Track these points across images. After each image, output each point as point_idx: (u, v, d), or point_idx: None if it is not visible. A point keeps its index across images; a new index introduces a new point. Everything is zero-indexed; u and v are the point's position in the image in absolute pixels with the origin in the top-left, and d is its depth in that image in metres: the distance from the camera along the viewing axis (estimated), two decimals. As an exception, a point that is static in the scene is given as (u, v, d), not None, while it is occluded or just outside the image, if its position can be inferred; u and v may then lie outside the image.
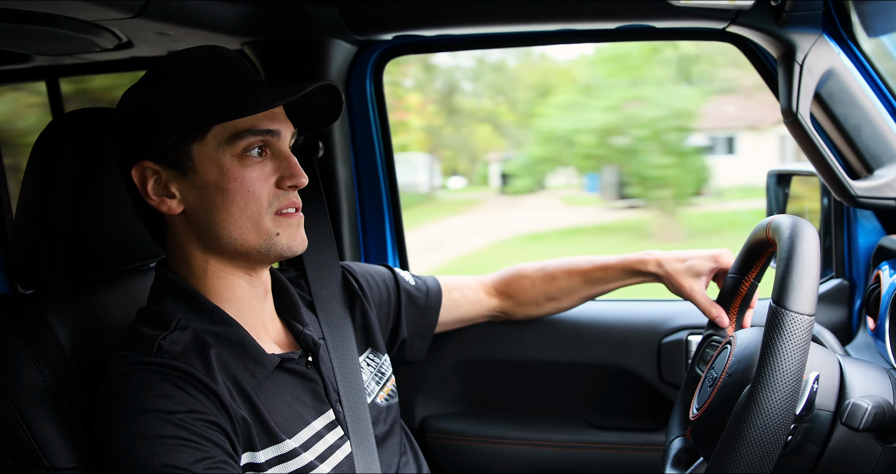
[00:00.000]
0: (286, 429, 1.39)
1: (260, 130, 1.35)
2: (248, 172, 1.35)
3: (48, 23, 1.65)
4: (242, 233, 1.37)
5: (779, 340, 1.11)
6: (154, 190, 1.36)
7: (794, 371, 1.10)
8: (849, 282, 2.02)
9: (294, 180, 1.38)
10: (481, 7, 1.89)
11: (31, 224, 1.48)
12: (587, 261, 2.00)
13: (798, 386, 1.10)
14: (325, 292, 1.69)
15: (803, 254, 1.19)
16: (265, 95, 1.33)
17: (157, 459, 1.17)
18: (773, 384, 1.10)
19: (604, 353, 2.19)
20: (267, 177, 1.37)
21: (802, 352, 1.11)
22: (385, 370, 1.72)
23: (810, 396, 1.17)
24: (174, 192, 1.36)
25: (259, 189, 1.36)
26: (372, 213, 2.37)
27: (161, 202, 1.37)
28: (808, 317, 1.13)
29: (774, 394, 1.09)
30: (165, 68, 1.37)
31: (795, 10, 1.65)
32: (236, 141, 1.34)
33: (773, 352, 1.11)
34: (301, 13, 1.97)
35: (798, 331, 1.11)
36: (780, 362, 1.10)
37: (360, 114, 2.30)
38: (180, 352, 1.32)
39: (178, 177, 1.36)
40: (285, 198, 1.39)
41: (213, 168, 1.34)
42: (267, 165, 1.38)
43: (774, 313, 1.14)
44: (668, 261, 1.88)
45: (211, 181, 1.34)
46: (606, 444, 2.15)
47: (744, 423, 1.11)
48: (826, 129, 1.80)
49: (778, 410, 1.09)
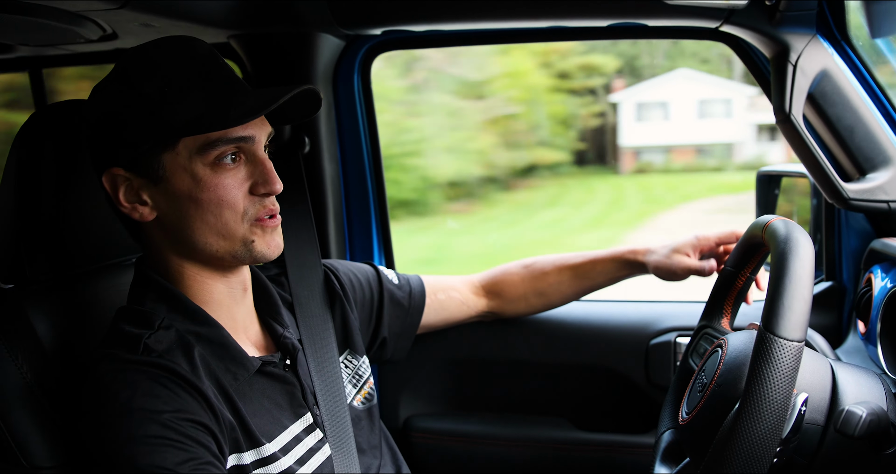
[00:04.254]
0: (265, 433, 1.37)
1: (233, 138, 1.31)
2: (222, 180, 1.31)
3: (31, 12, 1.62)
4: (217, 239, 1.34)
5: (766, 368, 1.09)
6: (126, 197, 1.34)
7: (781, 399, 1.08)
8: (839, 286, 2.01)
9: (268, 187, 1.35)
10: (472, 3, 1.87)
11: (12, 217, 1.45)
12: (576, 255, 2.00)
13: (784, 412, 1.09)
14: (306, 293, 1.66)
15: (796, 275, 1.16)
16: (237, 106, 1.30)
17: (143, 459, 1.15)
18: (758, 412, 1.08)
19: (591, 354, 2.18)
20: (241, 183, 1.34)
21: (790, 380, 1.09)
22: (363, 372, 1.70)
23: (797, 419, 1.16)
24: (146, 200, 1.34)
25: (233, 197, 1.32)
26: (358, 210, 2.35)
27: (133, 209, 1.34)
28: (797, 344, 1.11)
29: (760, 423, 1.08)
30: (133, 70, 1.33)
31: (789, 10, 1.64)
32: (208, 150, 1.30)
33: (760, 379, 1.09)
34: (289, 6, 1.94)
35: (786, 358, 1.09)
36: (767, 390, 1.08)
37: (348, 109, 2.28)
38: (166, 350, 1.30)
39: (150, 186, 1.33)
40: (261, 206, 1.36)
41: (185, 177, 1.31)
42: (241, 171, 1.34)
43: (762, 339, 1.12)
44: (654, 249, 1.92)
45: (184, 190, 1.31)
46: (593, 445, 2.14)
47: (728, 449, 1.10)
48: (818, 131, 1.79)
49: (762, 438, 1.08)
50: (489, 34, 2.23)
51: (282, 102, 1.31)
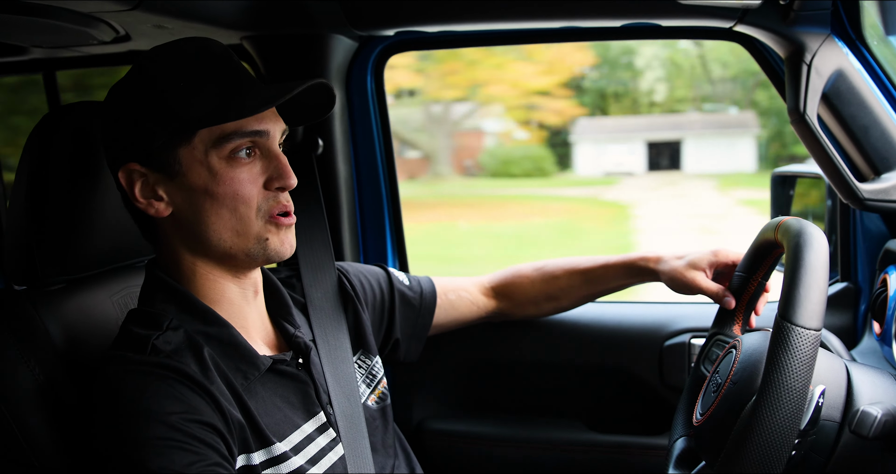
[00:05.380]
0: (276, 432, 1.37)
1: (248, 131, 1.32)
2: (237, 174, 1.33)
3: (45, 14, 1.63)
4: (231, 236, 1.35)
5: (784, 356, 1.09)
6: (141, 192, 1.34)
7: (799, 387, 1.08)
8: (854, 286, 2.00)
9: (282, 181, 1.36)
10: (485, 3, 1.87)
11: (25, 219, 1.46)
12: (588, 260, 1.99)
13: (802, 402, 1.09)
14: (320, 294, 1.67)
15: (811, 265, 1.16)
16: (251, 98, 1.31)
17: (151, 461, 1.15)
18: (776, 401, 1.08)
19: (605, 356, 2.17)
20: (255, 178, 1.35)
21: (808, 368, 1.09)
22: (376, 372, 1.70)
23: (815, 411, 1.15)
24: (162, 195, 1.34)
25: (248, 191, 1.33)
26: (371, 212, 2.35)
27: (149, 205, 1.35)
28: (815, 332, 1.11)
29: (778, 411, 1.08)
30: (149, 67, 1.35)
31: (803, 10, 1.63)
32: (224, 144, 1.31)
33: (778, 367, 1.09)
34: (301, 7, 1.94)
35: (804, 346, 1.09)
36: (785, 378, 1.08)
37: (361, 110, 2.28)
38: (174, 351, 1.30)
39: (166, 180, 1.33)
40: (275, 202, 1.37)
41: (201, 171, 1.32)
42: (256, 166, 1.35)
43: (780, 327, 1.12)
44: (668, 258, 1.86)
45: (199, 184, 1.32)
46: (607, 447, 2.14)
47: (746, 440, 1.09)
48: (833, 131, 1.78)
49: (781, 427, 1.08)
50: (502, 35, 2.24)
51: (295, 94, 1.32)
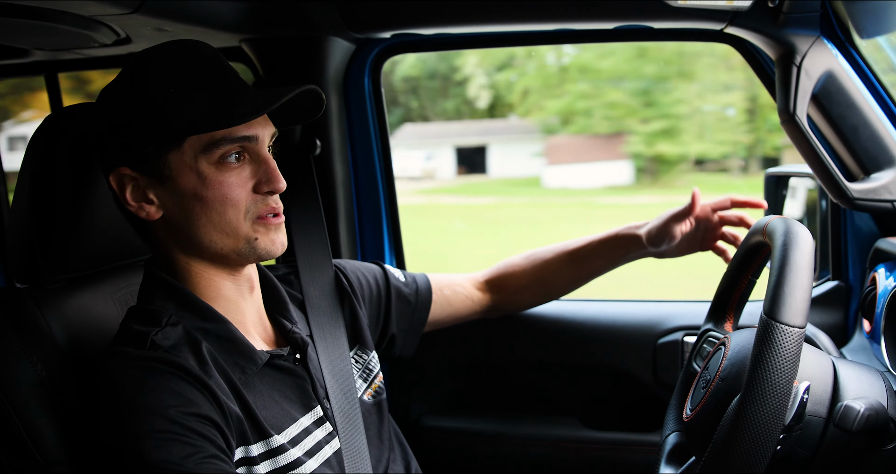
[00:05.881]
0: (274, 425, 1.39)
1: (237, 137, 1.34)
2: (226, 178, 1.34)
3: (46, 18, 1.64)
4: (221, 237, 1.37)
5: (768, 353, 1.10)
6: (132, 196, 1.37)
7: (784, 383, 1.10)
8: (845, 285, 2.02)
9: (271, 185, 1.38)
10: (480, 6, 1.89)
11: (27, 217, 1.48)
12: (576, 240, 2.04)
13: (787, 398, 1.10)
14: (317, 292, 1.69)
15: (796, 264, 1.18)
16: (242, 105, 1.33)
17: (150, 454, 1.17)
18: (761, 396, 1.09)
19: (600, 353, 2.19)
20: (244, 182, 1.37)
21: (792, 365, 1.10)
22: (372, 367, 1.72)
23: (800, 407, 1.17)
24: (152, 199, 1.36)
25: (237, 195, 1.35)
26: (369, 212, 2.36)
27: (140, 208, 1.37)
28: (799, 330, 1.12)
29: (762, 407, 1.09)
30: (141, 71, 1.36)
31: (793, 12, 1.65)
32: (213, 149, 1.33)
33: (763, 364, 1.10)
34: (299, 10, 1.96)
35: (788, 344, 1.11)
36: (769, 375, 1.10)
37: (358, 112, 2.30)
38: (173, 346, 1.32)
39: (156, 185, 1.36)
40: (264, 204, 1.38)
41: (190, 176, 1.34)
42: (245, 170, 1.37)
43: (765, 325, 1.13)
44: (649, 221, 1.98)
45: (189, 189, 1.34)
46: (601, 444, 2.15)
47: (731, 435, 1.11)
48: (823, 131, 1.80)
49: (765, 422, 1.09)
50: (496, 37, 2.25)
51: (285, 102, 1.34)
